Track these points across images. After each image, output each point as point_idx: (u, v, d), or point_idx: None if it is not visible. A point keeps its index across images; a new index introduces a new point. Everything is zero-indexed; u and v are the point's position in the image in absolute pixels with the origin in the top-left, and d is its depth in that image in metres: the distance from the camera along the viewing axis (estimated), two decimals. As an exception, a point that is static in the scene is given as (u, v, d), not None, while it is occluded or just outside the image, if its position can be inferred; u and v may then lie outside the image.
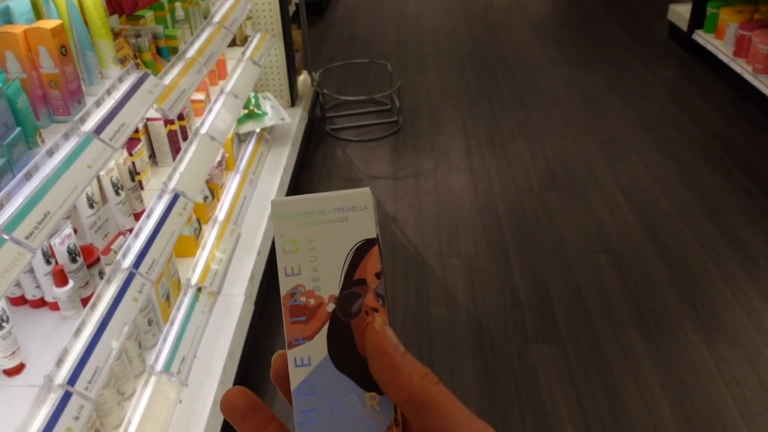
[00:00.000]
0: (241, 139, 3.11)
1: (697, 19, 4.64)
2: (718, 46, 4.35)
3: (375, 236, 0.36)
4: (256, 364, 2.34)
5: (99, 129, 1.55)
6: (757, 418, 2.11)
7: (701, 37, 4.57)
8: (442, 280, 2.73)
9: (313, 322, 0.36)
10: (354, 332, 0.36)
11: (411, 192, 3.34)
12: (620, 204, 3.19)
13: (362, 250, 0.36)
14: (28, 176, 1.32)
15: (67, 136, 1.47)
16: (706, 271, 2.74)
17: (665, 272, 2.74)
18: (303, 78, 3.95)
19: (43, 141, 1.43)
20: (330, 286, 0.36)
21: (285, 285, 0.36)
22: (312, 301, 0.36)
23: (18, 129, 1.32)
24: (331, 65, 4.56)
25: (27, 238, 1.22)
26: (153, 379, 1.86)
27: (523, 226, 3.05)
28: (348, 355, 0.36)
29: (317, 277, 0.36)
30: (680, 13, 4.89)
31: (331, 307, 0.36)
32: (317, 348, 0.36)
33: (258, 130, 3.20)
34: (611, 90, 4.36)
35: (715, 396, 2.20)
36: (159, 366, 1.90)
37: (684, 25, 4.80)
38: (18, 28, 1.44)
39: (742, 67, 4.03)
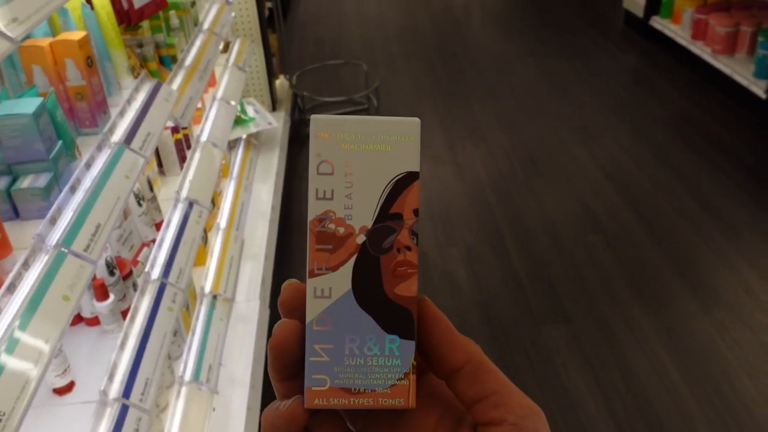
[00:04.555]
0: (230, 146, 3.09)
1: (653, 6, 4.81)
2: (676, 30, 4.52)
3: (418, 170, 0.34)
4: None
5: (128, 139, 1.54)
6: (762, 376, 2.22)
7: (658, 23, 4.74)
8: (444, 270, 2.78)
9: (340, 253, 0.34)
10: (382, 269, 0.34)
11: (400, 188, 3.37)
12: (603, 186, 3.29)
13: (403, 182, 0.34)
14: (73, 189, 1.31)
15: (100, 148, 1.46)
16: (693, 245, 2.86)
17: (656, 248, 2.85)
18: (280, 82, 3.94)
19: (80, 153, 1.41)
20: (363, 216, 0.34)
21: (315, 209, 0.34)
22: (341, 230, 0.34)
23: (60, 142, 1.31)
24: (306, 68, 4.56)
25: (85, 250, 1.21)
26: (184, 389, 1.85)
27: (514, 213, 3.13)
28: (373, 293, 0.34)
29: (351, 204, 0.34)
30: (635, 1, 5.06)
31: (361, 239, 0.34)
32: (340, 280, 0.34)
33: (245, 136, 3.19)
34: (578, 78, 4.49)
35: (720, 360, 2.30)
36: (188, 376, 1.89)
37: (640, 12, 4.97)
38: (44, 41, 1.43)
39: (701, 50, 4.20)
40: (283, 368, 0.35)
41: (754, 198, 3.12)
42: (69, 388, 1.42)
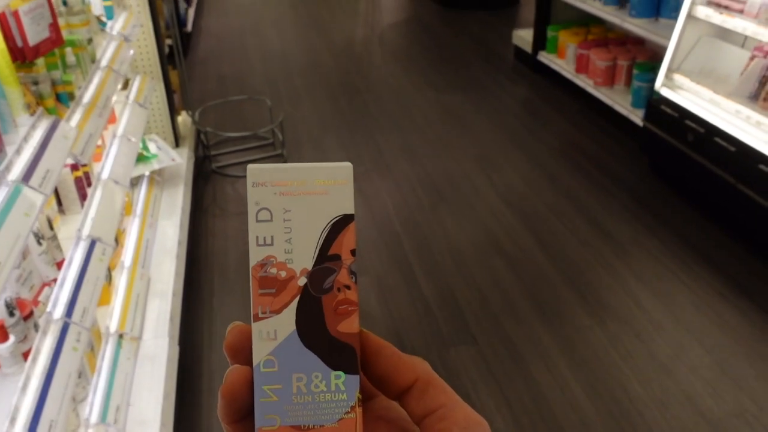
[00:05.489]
0: (132, 183, 3.03)
1: (540, 42, 5.14)
2: (561, 64, 4.85)
3: (353, 212, 0.36)
4: (194, 402, 2.30)
5: (26, 177, 1.51)
6: (652, 383, 2.39)
7: (545, 57, 5.07)
8: (355, 299, 2.83)
9: (283, 296, 0.35)
10: (324, 309, 0.35)
11: (308, 220, 3.41)
12: (503, 211, 3.46)
13: (339, 225, 0.36)
14: (-31, 229, 1.28)
15: (-4, 186, 1.43)
16: (586, 262, 3.05)
17: (553, 268, 3.02)
18: (182, 118, 3.92)
19: (-25, 192, 1.38)
20: (303, 259, 0.35)
21: (256, 255, 0.35)
22: (283, 274, 0.35)
23: (-47, 181, 1.27)
24: (208, 104, 4.54)
25: (-15, 289, 1.18)
26: (91, 433, 1.80)
27: (421, 241, 3.23)
28: (316, 332, 0.35)
29: (290, 249, 0.35)
30: (523, 37, 5.38)
31: (302, 281, 0.35)
32: (285, 322, 0.35)
33: (147, 173, 3.14)
34: (475, 110, 4.71)
35: (614, 369, 2.46)
36: (94, 418, 1.84)
37: (528, 48, 5.29)
38: (-67, 79, 1.39)
39: (584, 82, 4.52)
40: (234, 412, 0.36)
41: (638, 217, 3.37)
42: (-34, 436, 1.36)
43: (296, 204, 0.35)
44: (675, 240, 3.17)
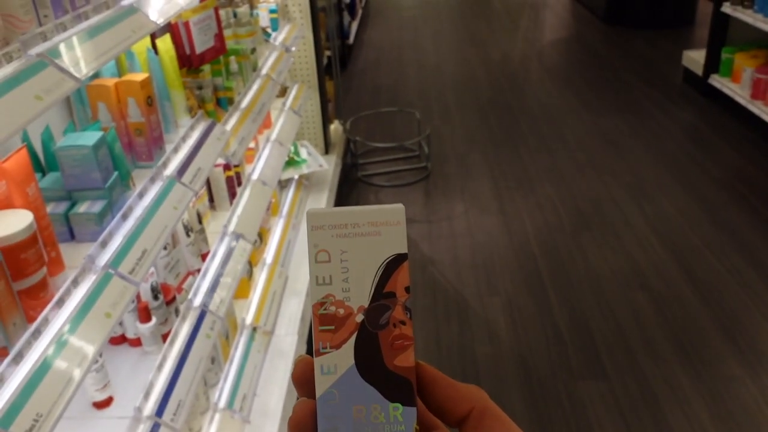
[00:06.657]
0: (281, 185, 3.21)
1: (712, 64, 4.78)
2: (735, 89, 4.47)
3: (406, 251, 0.37)
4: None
5: (180, 173, 1.65)
6: (810, 449, 2.12)
7: (717, 81, 4.70)
8: (483, 318, 2.79)
9: (342, 332, 0.37)
10: (381, 343, 0.37)
11: (445, 234, 3.42)
12: (652, 243, 3.25)
13: (393, 264, 0.37)
14: (125, 216, 1.41)
15: (153, 180, 1.57)
16: (743, 306, 2.79)
17: (703, 308, 2.79)
18: (334, 126, 4.08)
19: (134, 184, 1.52)
20: (360, 297, 0.37)
21: (316, 294, 0.37)
22: (341, 311, 0.37)
23: (116, 173, 1.42)
24: (360, 114, 4.70)
25: (131, 273, 1.30)
26: (217, 416, 1.91)
27: (558, 265, 3.11)
28: (374, 366, 0.37)
29: (348, 288, 0.37)
30: (695, 59, 5.04)
31: (360, 317, 0.37)
32: (344, 357, 0.37)
33: (296, 176, 3.31)
34: (632, 134, 4.47)
35: (765, 429, 2.22)
36: (222, 403, 1.95)
37: (699, 70, 4.94)
38: (110, 81, 1.56)
39: (760, 109, 4.13)
40: None
41: (811, 262, 3.02)
42: (107, 402, 1.50)
43: (352, 245, 0.37)
44: None
